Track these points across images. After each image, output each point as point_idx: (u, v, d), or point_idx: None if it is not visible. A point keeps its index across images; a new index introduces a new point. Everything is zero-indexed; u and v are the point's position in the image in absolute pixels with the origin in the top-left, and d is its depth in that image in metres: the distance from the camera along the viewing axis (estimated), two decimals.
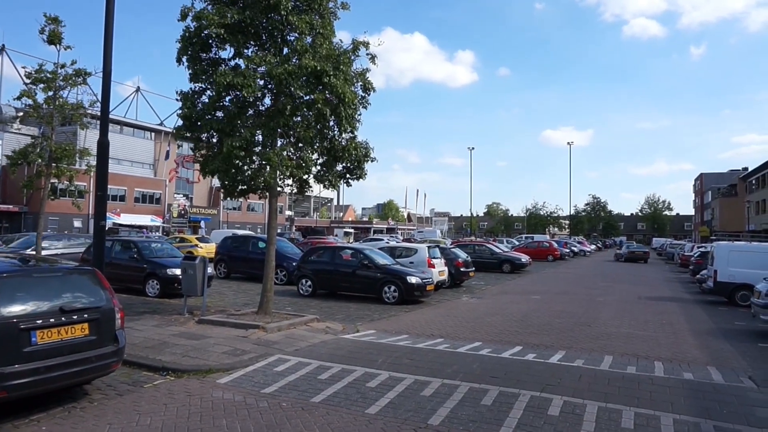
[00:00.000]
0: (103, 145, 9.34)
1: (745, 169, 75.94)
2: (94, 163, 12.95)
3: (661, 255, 55.48)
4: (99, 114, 10.14)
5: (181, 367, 7.36)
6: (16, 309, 5.28)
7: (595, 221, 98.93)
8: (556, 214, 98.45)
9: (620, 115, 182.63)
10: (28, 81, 16.40)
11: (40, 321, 5.40)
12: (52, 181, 17.29)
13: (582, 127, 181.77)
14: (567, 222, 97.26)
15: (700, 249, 28.42)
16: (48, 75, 16.35)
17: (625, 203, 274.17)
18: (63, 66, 16.54)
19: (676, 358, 9.16)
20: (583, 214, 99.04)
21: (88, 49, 35.29)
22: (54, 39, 16.02)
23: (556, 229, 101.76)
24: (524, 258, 30.14)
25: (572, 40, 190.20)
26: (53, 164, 16.92)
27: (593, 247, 57.80)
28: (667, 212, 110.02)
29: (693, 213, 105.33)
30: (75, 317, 5.71)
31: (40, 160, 16.92)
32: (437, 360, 8.28)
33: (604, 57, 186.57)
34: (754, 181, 67.42)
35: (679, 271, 33.07)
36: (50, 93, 16.45)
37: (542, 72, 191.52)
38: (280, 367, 7.58)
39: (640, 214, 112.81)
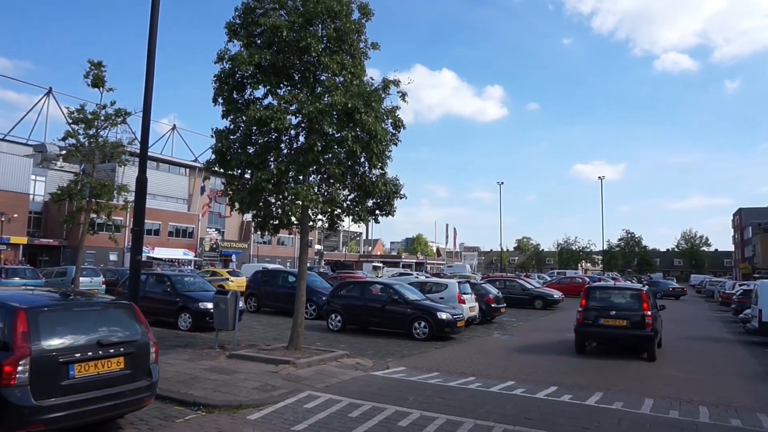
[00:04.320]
0: (142, 182, 9.63)
1: None
2: (131, 198, 13.41)
3: (700, 292, 53.65)
4: (137, 151, 10.50)
5: (212, 402, 7.37)
6: (55, 342, 5.38)
7: (630, 256, 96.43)
8: (588, 249, 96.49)
9: (653, 150, 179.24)
10: (70, 121, 17.27)
11: (79, 354, 5.48)
12: (91, 216, 17.95)
13: (614, 162, 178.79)
14: (600, 257, 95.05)
15: (743, 287, 27.34)
16: (89, 116, 17.20)
17: (660, 238, 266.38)
18: (104, 107, 17.40)
19: (721, 402, 8.72)
20: (617, 249, 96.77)
21: (126, 87, 36.92)
22: (97, 82, 16.93)
23: (588, 264, 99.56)
24: (557, 294, 29.47)
25: (602, 74, 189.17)
26: (93, 200, 17.60)
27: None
28: (705, 248, 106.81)
29: (732, 249, 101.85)
30: (111, 351, 5.78)
31: (81, 197, 17.62)
32: (469, 399, 8.09)
33: (635, 91, 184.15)
34: None
35: (720, 310, 31.82)
36: (91, 132, 17.27)
37: (572, 106, 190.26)
38: (310, 404, 7.51)
39: (676, 249, 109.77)
